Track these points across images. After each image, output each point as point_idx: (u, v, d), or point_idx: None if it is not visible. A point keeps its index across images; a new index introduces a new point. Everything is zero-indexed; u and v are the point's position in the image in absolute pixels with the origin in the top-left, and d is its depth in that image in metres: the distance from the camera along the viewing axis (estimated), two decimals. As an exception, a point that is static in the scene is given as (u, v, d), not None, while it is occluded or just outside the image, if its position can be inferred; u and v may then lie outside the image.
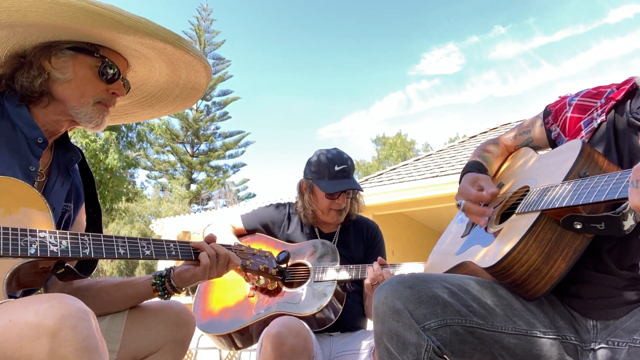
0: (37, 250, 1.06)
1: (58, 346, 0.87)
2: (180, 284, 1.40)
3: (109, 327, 1.35)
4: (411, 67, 59.05)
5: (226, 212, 10.75)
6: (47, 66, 1.28)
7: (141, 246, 1.24)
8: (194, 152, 30.01)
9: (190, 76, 1.47)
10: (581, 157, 1.18)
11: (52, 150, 1.38)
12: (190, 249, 1.36)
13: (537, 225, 1.13)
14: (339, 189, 2.14)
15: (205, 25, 30.02)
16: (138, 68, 1.44)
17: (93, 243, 1.15)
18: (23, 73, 1.27)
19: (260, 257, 1.57)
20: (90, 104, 1.32)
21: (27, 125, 1.26)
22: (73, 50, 1.29)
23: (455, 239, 1.55)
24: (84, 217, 1.46)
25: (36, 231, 1.08)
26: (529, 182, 1.34)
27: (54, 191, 1.32)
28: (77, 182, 1.44)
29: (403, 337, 1.11)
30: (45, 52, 1.27)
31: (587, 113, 1.37)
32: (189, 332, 1.42)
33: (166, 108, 1.60)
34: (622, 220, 1.03)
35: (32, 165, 1.25)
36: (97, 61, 1.31)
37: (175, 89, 1.51)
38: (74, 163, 1.41)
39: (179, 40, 1.34)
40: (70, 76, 1.29)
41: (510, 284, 1.18)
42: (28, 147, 1.25)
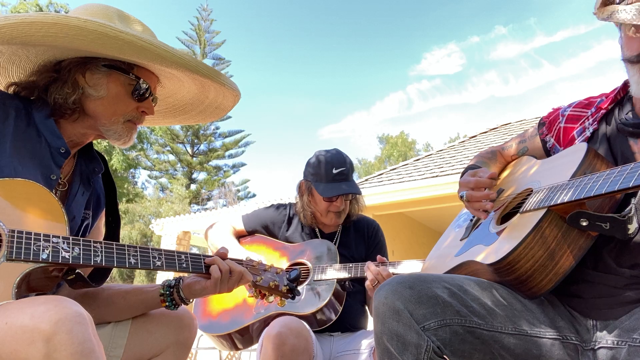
0: (49, 256, 1.06)
1: (53, 350, 0.86)
2: (189, 296, 1.38)
3: (113, 333, 1.34)
4: (412, 67, 59.11)
5: (226, 212, 10.74)
6: (82, 81, 1.28)
7: (152, 256, 1.24)
8: (194, 152, 30.02)
9: (218, 98, 1.48)
10: (586, 158, 1.20)
11: (75, 159, 1.38)
12: (202, 262, 1.35)
13: (543, 222, 1.13)
14: (336, 193, 2.13)
15: (206, 25, 30.02)
16: (167, 84, 1.45)
17: (105, 251, 1.15)
18: (57, 88, 1.27)
19: (271, 274, 1.55)
20: (120, 122, 1.33)
21: (52, 134, 1.26)
22: (108, 68, 1.29)
23: (454, 242, 1.55)
24: (102, 224, 1.46)
25: (50, 236, 1.08)
26: (532, 184, 1.35)
27: (75, 201, 1.32)
28: (98, 189, 1.44)
29: (403, 337, 1.11)
30: (81, 68, 1.27)
31: (579, 123, 1.40)
32: (191, 334, 1.42)
33: (187, 120, 1.61)
34: (627, 224, 1.03)
35: (53, 174, 1.25)
36: (132, 80, 1.31)
37: (200, 106, 1.52)
38: (97, 174, 1.41)
39: (217, 76, 1.37)
40: (104, 94, 1.29)
41: (514, 280, 1.18)
42: (50, 155, 1.25)
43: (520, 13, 55.43)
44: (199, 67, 1.31)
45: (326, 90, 59.72)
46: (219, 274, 1.34)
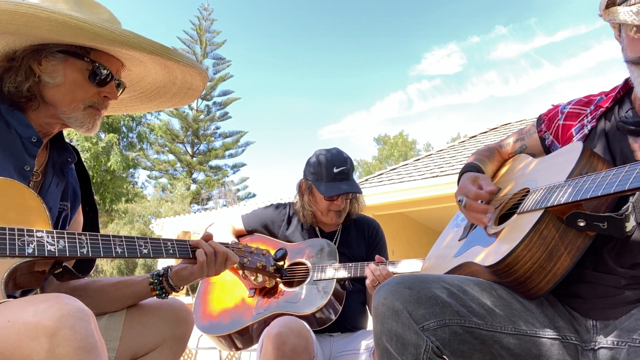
0: (35, 250, 1.06)
1: (57, 346, 0.87)
2: (179, 283, 1.40)
3: (108, 326, 1.35)
4: (412, 67, 59.11)
5: (226, 212, 10.75)
6: (37, 69, 1.25)
7: (138, 245, 1.24)
8: (194, 152, 30.01)
9: (186, 78, 1.45)
10: (582, 158, 1.20)
11: (48, 149, 1.36)
12: (188, 247, 1.36)
13: (540, 223, 1.13)
14: (337, 192, 2.14)
15: (206, 25, 30.04)
16: (133, 68, 1.43)
17: (90, 242, 1.15)
18: (10, 77, 1.24)
19: (257, 255, 1.57)
20: (80, 109, 1.29)
21: (21, 124, 1.24)
22: (63, 54, 1.25)
23: (452, 242, 1.55)
24: (81, 216, 1.46)
25: (33, 231, 1.07)
26: (529, 184, 1.35)
27: (49, 191, 1.31)
28: (73, 181, 1.43)
29: (402, 338, 1.11)
30: (35, 55, 1.24)
31: (578, 120, 1.40)
32: (187, 328, 1.42)
33: (165, 104, 1.58)
34: (625, 222, 1.03)
35: (27, 165, 1.24)
36: (88, 65, 1.27)
37: (172, 87, 1.50)
38: (70, 164, 1.40)
39: (167, 52, 1.32)
40: (60, 80, 1.26)
41: (513, 282, 1.18)
42: (23, 146, 1.23)
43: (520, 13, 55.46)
44: (143, 44, 1.25)
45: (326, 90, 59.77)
46: (204, 257, 1.35)
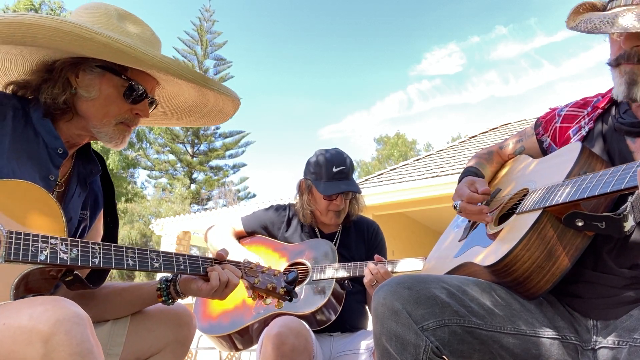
0: (48, 257, 1.05)
1: (51, 351, 0.86)
2: (185, 291, 1.39)
3: (112, 331, 1.34)
4: (412, 67, 59.15)
5: (226, 212, 10.74)
6: (74, 82, 1.27)
7: (150, 258, 1.23)
8: (194, 152, 30.02)
9: (218, 102, 1.48)
10: (581, 157, 1.20)
11: (73, 159, 1.37)
12: (200, 264, 1.35)
13: (539, 223, 1.14)
14: (336, 191, 2.14)
15: (207, 26, 30.05)
16: (167, 87, 1.44)
17: (103, 253, 1.15)
18: (48, 88, 1.26)
19: (268, 276, 1.54)
20: (112, 124, 1.31)
21: (50, 135, 1.25)
22: (101, 69, 1.27)
23: (453, 243, 1.55)
24: (101, 224, 1.46)
25: (48, 237, 1.07)
26: (528, 184, 1.35)
27: (72, 201, 1.32)
28: (96, 189, 1.43)
29: (402, 338, 1.11)
30: (73, 68, 1.26)
31: (575, 122, 1.40)
32: (190, 332, 1.42)
33: (193, 122, 1.60)
34: (623, 222, 1.03)
35: (51, 175, 1.25)
36: (124, 82, 1.29)
37: (203, 108, 1.51)
38: (94, 176, 1.41)
39: (205, 81, 1.35)
40: (96, 95, 1.27)
41: (512, 282, 1.18)
42: (48, 156, 1.25)
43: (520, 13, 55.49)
44: (182, 72, 1.29)
45: (326, 90, 59.79)
46: (217, 283, 1.34)
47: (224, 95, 1.43)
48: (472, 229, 1.50)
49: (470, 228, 1.51)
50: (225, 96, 1.43)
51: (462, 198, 1.41)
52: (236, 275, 1.40)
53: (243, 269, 1.48)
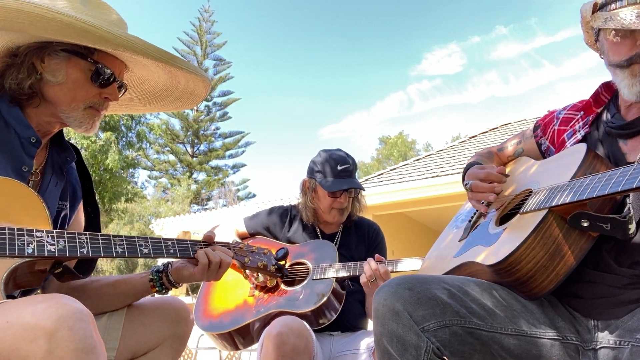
0: (35, 250, 1.05)
1: (55, 347, 0.86)
2: (179, 280, 1.39)
3: (108, 325, 1.35)
4: (412, 67, 59.17)
5: (226, 212, 10.74)
6: (39, 67, 1.24)
7: (139, 244, 1.24)
8: (194, 152, 30.02)
9: (189, 84, 1.45)
10: (587, 159, 1.20)
11: (47, 149, 1.35)
12: (189, 247, 1.36)
13: (544, 223, 1.13)
14: (341, 187, 2.17)
15: (207, 26, 30.05)
16: (136, 70, 1.42)
17: (91, 242, 1.15)
18: (12, 73, 1.23)
19: (258, 255, 1.57)
20: (80, 109, 1.29)
21: (20, 124, 1.23)
22: (67, 53, 1.24)
23: (452, 243, 1.55)
24: (82, 215, 1.45)
25: (33, 231, 1.07)
26: (532, 185, 1.35)
27: (48, 191, 1.31)
28: (73, 180, 1.42)
29: (403, 339, 1.11)
30: (38, 52, 1.24)
31: (569, 125, 1.41)
32: (187, 327, 1.42)
33: (166, 107, 1.58)
34: (629, 224, 1.03)
35: (25, 165, 1.23)
36: (91, 65, 1.26)
37: (174, 91, 1.49)
38: (69, 163, 1.39)
39: (172, 59, 1.32)
40: (62, 79, 1.25)
41: (514, 282, 1.18)
42: (21, 146, 1.23)
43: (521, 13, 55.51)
44: (148, 50, 1.25)
45: (326, 90, 59.79)
46: (205, 261, 1.34)
47: (194, 74, 1.39)
48: (472, 228, 1.49)
49: (471, 228, 1.51)
50: (195, 76, 1.40)
51: (478, 176, 1.41)
52: (227, 254, 1.40)
53: (233, 249, 1.48)
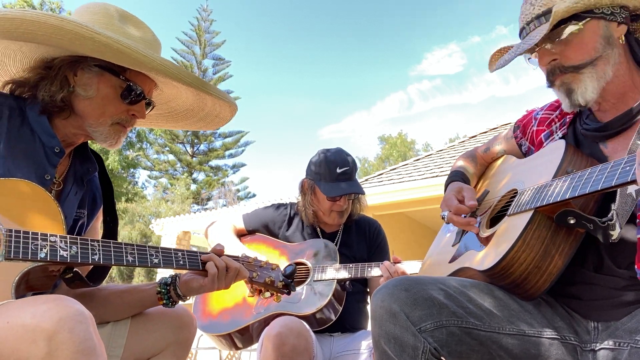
0: (47, 255, 1.06)
1: (55, 349, 0.86)
2: (187, 293, 1.38)
3: (112, 333, 1.34)
4: (413, 67, 59.18)
5: (226, 212, 10.74)
6: (72, 80, 1.27)
7: (149, 254, 1.24)
8: (194, 152, 30.01)
9: (215, 107, 1.48)
10: (566, 155, 1.20)
11: (70, 158, 1.37)
12: (199, 259, 1.35)
13: (532, 223, 1.14)
14: (340, 193, 2.14)
15: (206, 25, 30.03)
16: (165, 90, 1.45)
17: (102, 249, 1.15)
18: (46, 85, 1.26)
19: (266, 270, 1.55)
20: (108, 124, 1.31)
21: (46, 133, 1.25)
22: (100, 68, 1.27)
23: (446, 248, 1.55)
24: (99, 223, 1.46)
25: (47, 235, 1.08)
26: (516, 185, 1.35)
27: (67, 200, 1.32)
28: (94, 188, 1.44)
29: (400, 340, 1.11)
30: (72, 66, 1.26)
31: (546, 124, 1.41)
32: (190, 333, 1.42)
33: (189, 126, 1.60)
34: (609, 230, 1.04)
35: (47, 174, 1.25)
36: (122, 83, 1.29)
37: (200, 112, 1.52)
38: (90, 174, 1.41)
39: (203, 85, 1.36)
40: (93, 94, 1.28)
41: (510, 284, 1.18)
42: (45, 155, 1.25)
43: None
44: (181, 75, 1.30)
45: (326, 90, 59.79)
46: (215, 271, 1.34)
47: (222, 100, 1.43)
48: (464, 233, 1.49)
49: (462, 232, 1.51)
50: (223, 101, 1.44)
51: (449, 209, 1.41)
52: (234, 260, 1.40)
53: (242, 263, 1.48)
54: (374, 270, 1.99)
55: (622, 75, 1.20)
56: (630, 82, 1.21)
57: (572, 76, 1.20)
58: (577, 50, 1.19)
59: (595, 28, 1.18)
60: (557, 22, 1.16)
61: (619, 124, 1.20)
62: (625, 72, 1.20)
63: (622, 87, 1.21)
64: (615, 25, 1.19)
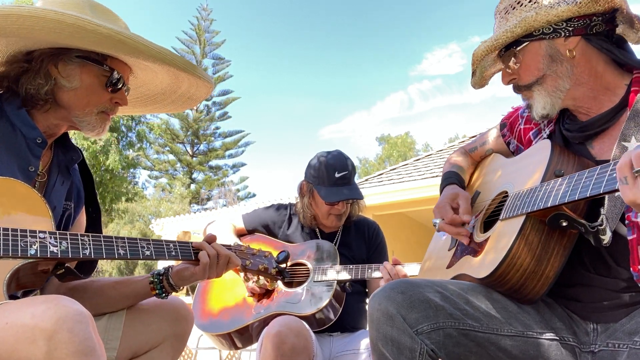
0: (38, 251, 1.06)
1: (54, 349, 0.87)
2: (179, 283, 1.39)
3: (108, 326, 1.35)
4: (413, 67, 59.18)
5: (226, 212, 10.75)
6: (54, 72, 1.27)
7: (141, 246, 1.24)
8: (194, 152, 30.01)
9: (190, 89, 1.48)
10: (553, 156, 1.21)
11: (52, 149, 1.37)
12: (191, 249, 1.36)
13: (524, 229, 1.14)
14: (338, 198, 2.13)
15: (205, 25, 30.01)
16: (140, 75, 1.45)
17: (93, 244, 1.15)
18: (29, 79, 1.25)
19: (259, 257, 1.57)
20: (94, 114, 1.32)
21: (26, 125, 1.25)
22: (81, 59, 1.27)
23: (442, 252, 1.55)
24: (84, 217, 1.46)
25: (36, 232, 1.08)
26: (506, 187, 1.35)
27: (54, 190, 1.32)
28: (77, 181, 1.43)
29: (397, 342, 1.12)
30: (53, 58, 1.26)
31: (533, 123, 1.42)
32: (187, 326, 1.43)
33: (158, 109, 1.60)
34: (599, 235, 1.04)
35: (31, 166, 1.24)
36: (105, 72, 1.30)
37: (172, 95, 1.51)
38: (75, 162, 1.41)
39: (193, 69, 1.37)
40: (77, 85, 1.28)
41: (508, 290, 1.18)
42: (27, 147, 1.24)
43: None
44: (175, 60, 1.31)
45: (326, 90, 59.78)
46: (207, 259, 1.35)
47: (201, 80, 1.42)
48: None
49: None
50: (202, 81, 1.43)
51: (443, 217, 1.41)
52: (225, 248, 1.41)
53: (234, 251, 1.48)
54: (375, 272, 1.99)
55: (586, 82, 1.22)
56: (598, 86, 1.22)
57: (527, 93, 1.30)
58: (524, 71, 1.27)
59: (536, 49, 1.24)
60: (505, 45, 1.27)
61: (597, 124, 1.21)
62: (589, 78, 1.22)
63: (590, 92, 1.23)
64: (562, 40, 1.21)
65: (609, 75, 1.22)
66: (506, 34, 1.23)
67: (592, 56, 1.22)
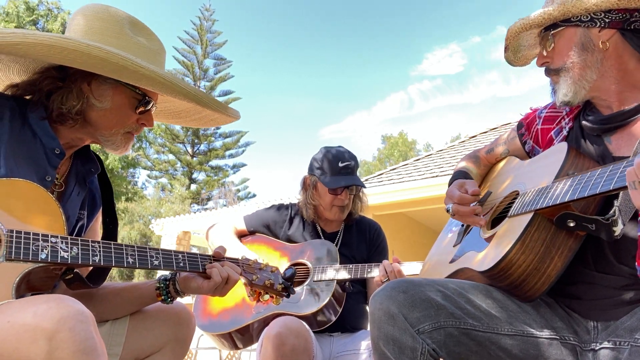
0: (48, 256, 1.06)
1: (55, 348, 0.87)
2: (185, 290, 1.39)
3: (111, 331, 1.35)
4: (413, 68, 59.20)
5: (226, 212, 10.74)
6: (86, 90, 1.27)
7: (150, 256, 1.25)
8: (194, 152, 30.00)
9: (214, 115, 1.50)
10: (568, 158, 1.21)
11: (72, 159, 1.38)
12: (199, 262, 1.36)
13: (531, 226, 1.14)
14: (342, 184, 2.16)
15: (208, 25, 30.02)
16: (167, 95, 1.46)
17: (103, 251, 1.16)
18: (61, 97, 1.25)
19: (266, 272, 1.56)
20: (120, 134, 1.34)
21: (47, 135, 1.25)
22: (115, 81, 1.28)
23: (447, 248, 1.56)
24: (99, 225, 1.47)
25: (48, 236, 1.08)
26: (518, 186, 1.36)
27: (70, 200, 1.32)
28: (93, 189, 1.44)
29: (399, 341, 1.12)
30: (87, 77, 1.27)
31: (555, 123, 1.42)
32: (189, 331, 1.43)
33: (180, 123, 1.62)
34: (612, 227, 1.04)
35: (48, 175, 1.25)
36: (137, 95, 1.32)
37: (196, 115, 1.53)
38: (92, 175, 1.41)
39: (226, 110, 1.42)
40: (108, 105, 1.29)
41: (508, 285, 1.19)
42: (45, 156, 1.25)
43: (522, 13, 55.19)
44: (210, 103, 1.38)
45: (327, 90, 59.81)
46: (219, 279, 1.35)
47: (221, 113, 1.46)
48: (465, 233, 1.50)
49: (464, 233, 1.51)
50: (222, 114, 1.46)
51: (453, 200, 1.42)
52: (235, 271, 1.41)
53: (241, 266, 1.49)
54: (374, 271, 2.00)
55: (614, 77, 1.22)
56: (626, 82, 1.22)
57: (555, 77, 1.32)
58: (556, 55, 1.29)
59: (570, 35, 1.26)
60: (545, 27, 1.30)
61: (619, 118, 1.21)
62: (618, 73, 1.22)
63: (616, 86, 1.23)
64: (597, 30, 1.21)
65: (639, 73, 1.22)
66: (543, 15, 1.26)
67: (625, 52, 1.22)
